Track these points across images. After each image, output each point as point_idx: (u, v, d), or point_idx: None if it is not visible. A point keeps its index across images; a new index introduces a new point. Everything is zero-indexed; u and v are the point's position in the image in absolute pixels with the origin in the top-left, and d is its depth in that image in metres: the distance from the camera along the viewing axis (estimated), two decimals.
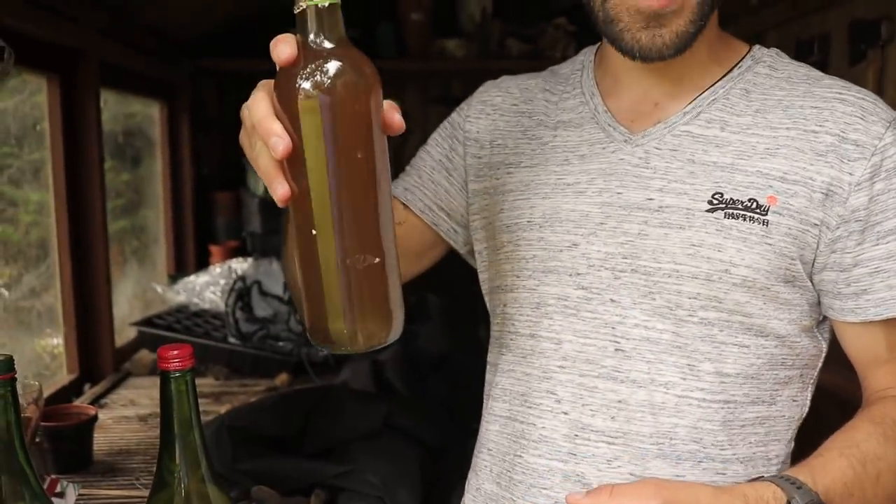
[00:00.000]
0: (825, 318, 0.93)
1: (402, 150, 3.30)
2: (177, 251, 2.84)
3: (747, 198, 0.85)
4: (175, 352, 0.75)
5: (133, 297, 2.57)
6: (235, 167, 3.01)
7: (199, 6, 2.51)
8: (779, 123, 0.88)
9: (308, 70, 0.62)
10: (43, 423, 1.41)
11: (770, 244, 0.85)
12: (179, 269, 2.78)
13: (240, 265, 2.35)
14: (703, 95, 0.92)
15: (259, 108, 0.64)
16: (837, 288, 0.88)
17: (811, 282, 0.89)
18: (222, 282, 2.30)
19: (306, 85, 0.62)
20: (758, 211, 0.85)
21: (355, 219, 0.64)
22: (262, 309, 2.09)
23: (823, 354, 0.95)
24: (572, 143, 0.96)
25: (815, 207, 0.85)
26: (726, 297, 0.86)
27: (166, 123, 2.78)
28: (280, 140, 0.62)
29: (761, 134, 0.88)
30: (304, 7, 0.63)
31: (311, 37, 0.63)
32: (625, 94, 0.96)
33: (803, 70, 0.93)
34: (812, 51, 1.94)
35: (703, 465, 0.89)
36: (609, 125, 0.94)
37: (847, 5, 1.80)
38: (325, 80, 0.62)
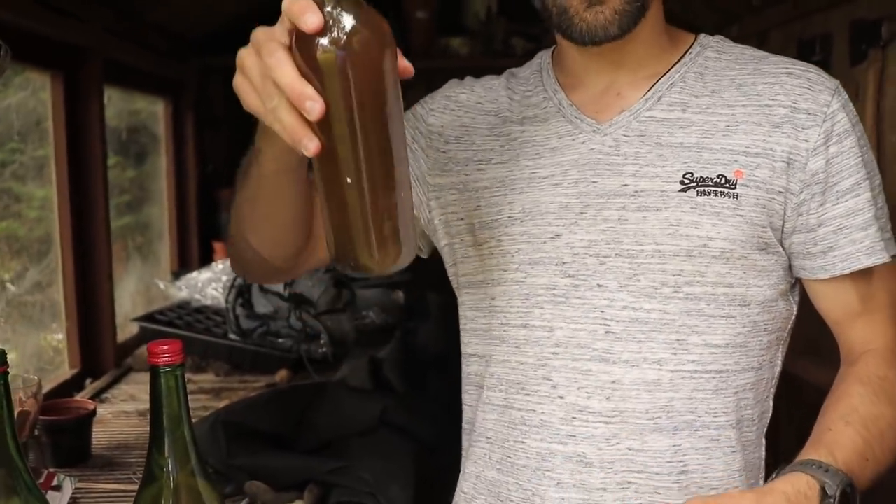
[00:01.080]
0: (796, 280, 0.98)
1: None
2: (180, 248, 2.85)
3: (716, 174, 0.90)
4: (165, 347, 0.75)
5: (136, 292, 2.59)
6: (240, 164, 3.02)
7: (206, 4, 2.52)
8: (735, 101, 0.93)
9: (331, 29, 0.65)
10: (42, 417, 1.42)
11: (742, 215, 0.90)
12: (183, 266, 2.79)
13: None
14: (660, 81, 0.97)
15: (285, 69, 0.66)
16: (806, 248, 0.93)
17: (782, 247, 0.94)
18: (224, 278, 2.31)
19: (329, 44, 0.65)
20: (727, 185, 0.90)
21: (381, 164, 0.69)
22: (262, 306, 2.10)
23: (794, 315, 1.00)
24: (541, 137, 0.99)
25: (778, 176, 0.91)
26: (707, 270, 0.91)
27: (171, 120, 2.79)
28: (315, 103, 0.65)
29: (720, 112, 0.93)
30: None
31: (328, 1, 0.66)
32: (585, 89, 1.00)
33: (749, 51, 0.99)
34: (814, 50, 1.94)
35: (699, 434, 0.93)
36: (576, 117, 0.98)
37: (848, 5, 1.80)
38: (347, 37, 0.65)
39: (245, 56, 0.70)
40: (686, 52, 0.99)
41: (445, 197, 1.03)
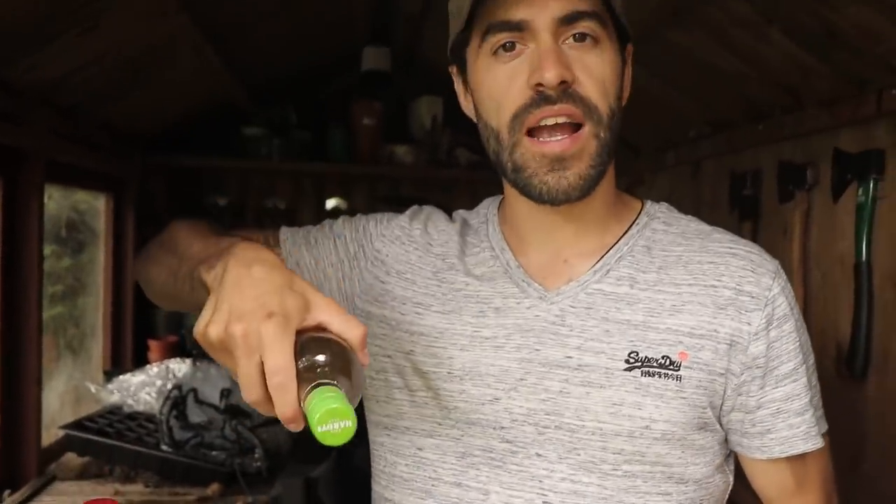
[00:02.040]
0: (731, 452, 0.99)
1: None
2: (114, 344, 2.79)
3: (661, 355, 0.91)
4: None
5: (65, 392, 2.51)
6: None
7: (152, 104, 2.53)
8: (681, 280, 0.94)
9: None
10: None
11: (684, 398, 0.90)
12: (116, 364, 2.73)
13: (178, 366, 2.32)
14: (609, 253, 0.97)
15: (288, 400, 0.69)
16: (744, 427, 0.95)
17: (720, 424, 0.95)
18: (158, 382, 2.26)
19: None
20: (671, 367, 0.90)
21: None
22: (196, 415, 2.06)
23: (731, 486, 1.00)
24: (485, 295, 0.98)
25: (720, 358, 0.92)
26: (648, 450, 0.90)
27: (112, 215, 2.77)
28: (296, 426, 0.70)
29: (667, 290, 0.94)
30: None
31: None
32: (533, 252, 1.00)
33: (693, 224, 1.01)
34: (746, 184, 2.02)
35: None
36: (523, 281, 0.98)
37: (776, 146, 1.89)
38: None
39: (249, 321, 0.71)
40: (633, 222, 1.00)
41: (372, 328, 1.01)
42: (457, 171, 3.12)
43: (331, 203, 3.30)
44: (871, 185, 1.55)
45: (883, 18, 1.33)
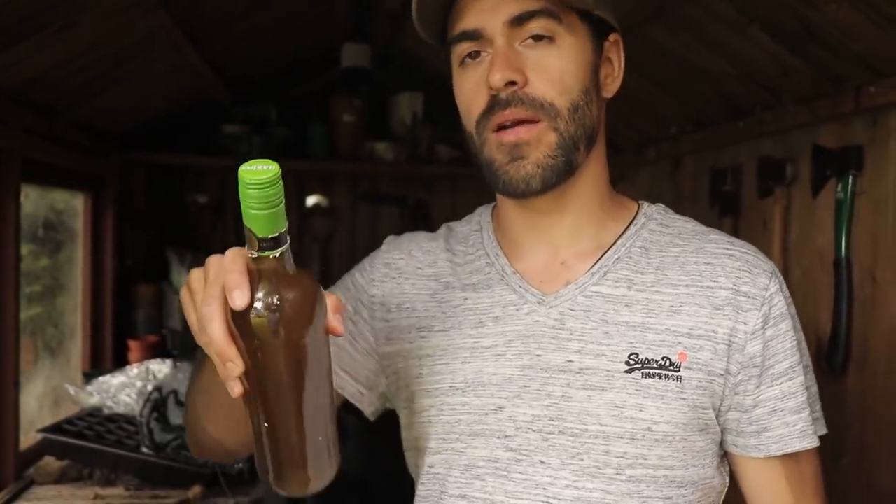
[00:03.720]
0: (725, 452, 0.98)
1: (329, 246, 3.33)
2: (93, 344, 2.76)
3: (661, 356, 0.91)
4: None
5: (43, 394, 2.48)
6: (159, 260, 2.97)
7: (129, 102, 2.51)
8: (678, 281, 0.94)
9: (260, 297, 0.69)
10: None
11: (684, 398, 0.90)
12: (96, 364, 2.70)
13: (158, 367, 2.30)
14: (607, 254, 0.97)
15: (214, 325, 0.69)
16: (741, 427, 0.94)
17: (718, 424, 0.94)
18: (139, 384, 2.25)
19: (262, 309, 0.68)
20: (671, 368, 0.90)
21: (296, 414, 0.73)
22: (177, 417, 2.04)
23: (727, 487, 1.00)
24: (484, 305, 0.98)
25: (719, 358, 0.91)
26: (650, 453, 0.90)
27: (90, 214, 2.74)
28: (235, 366, 0.70)
29: (664, 292, 0.94)
30: (255, 255, 0.69)
31: (262, 276, 0.69)
32: (529, 256, 1.00)
33: (690, 225, 1.01)
34: (726, 180, 2.03)
35: None
36: (520, 286, 0.97)
37: (756, 142, 1.91)
38: (278, 303, 0.69)
39: (194, 279, 0.74)
40: (631, 222, 1.00)
41: (394, 366, 1.02)
42: (437, 167, 3.11)
43: (311, 200, 3.28)
44: (850, 181, 1.56)
45: (861, 17, 1.34)
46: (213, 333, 0.69)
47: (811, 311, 1.70)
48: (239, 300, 0.68)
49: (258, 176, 0.64)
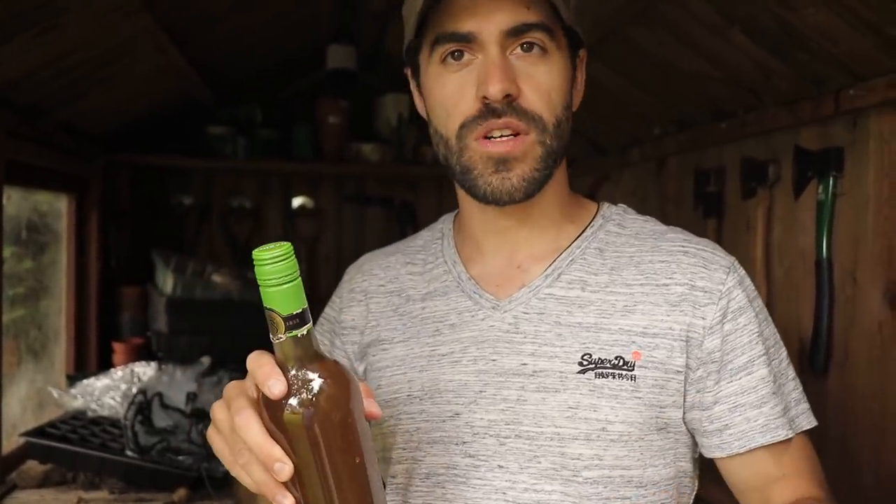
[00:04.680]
0: (699, 455, 0.98)
1: (315, 248, 3.32)
2: (78, 347, 2.74)
3: (614, 356, 0.91)
4: None
5: (26, 397, 2.47)
6: (144, 262, 2.96)
7: (114, 103, 2.50)
8: (633, 280, 0.95)
9: (295, 390, 0.68)
10: None
11: (640, 397, 0.90)
12: (80, 367, 2.69)
13: (143, 369, 2.29)
14: (561, 257, 0.98)
15: (252, 429, 0.68)
16: (702, 426, 0.94)
17: (684, 424, 0.94)
18: (123, 386, 2.24)
19: (297, 405, 0.68)
20: (625, 368, 0.90)
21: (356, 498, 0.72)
22: (162, 420, 2.04)
23: (695, 490, 0.99)
24: (440, 313, 0.99)
25: (677, 355, 0.91)
26: (606, 453, 0.90)
27: (74, 216, 2.72)
28: (284, 465, 0.68)
29: (619, 292, 0.94)
30: (284, 338, 0.68)
31: (292, 362, 0.69)
32: (488, 260, 1.01)
33: (649, 225, 1.01)
34: (709, 181, 2.04)
35: None
36: (475, 293, 0.98)
37: (739, 143, 1.92)
38: (313, 397, 0.68)
39: (216, 409, 0.73)
40: (588, 224, 1.01)
41: (368, 381, 1.03)
42: (423, 168, 3.12)
43: (297, 202, 3.28)
44: (831, 183, 1.57)
45: (840, 21, 1.35)
46: (254, 438, 0.68)
47: (794, 311, 1.71)
48: (276, 387, 0.67)
49: (271, 252, 0.66)
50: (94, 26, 1.79)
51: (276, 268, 0.65)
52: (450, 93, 0.93)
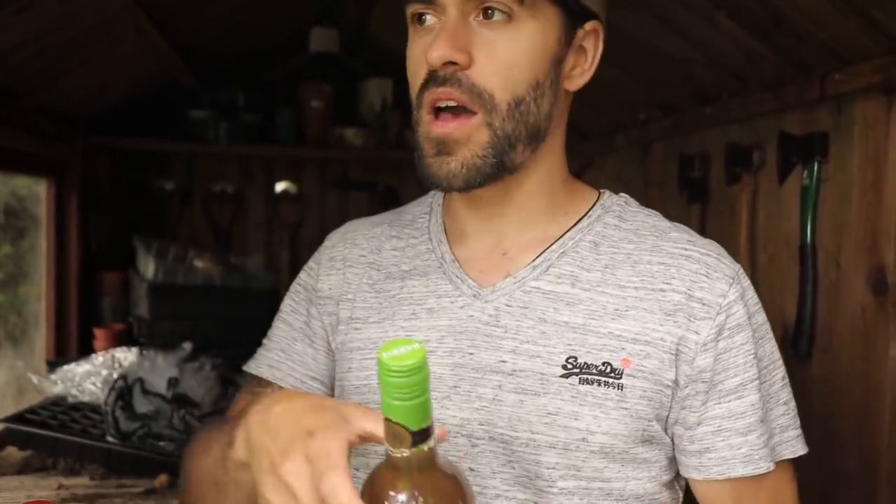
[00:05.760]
0: None
1: (298, 233, 3.30)
2: (58, 333, 2.72)
3: (601, 361, 0.84)
4: None
5: (6, 384, 2.45)
6: (125, 247, 2.93)
7: (93, 87, 2.46)
8: (627, 281, 0.87)
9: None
10: None
11: (626, 408, 0.84)
12: (60, 352, 2.66)
13: (124, 355, 2.27)
14: (551, 248, 0.90)
15: None
16: (683, 444, 0.88)
17: (667, 436, 0.88)
18: (104, 372, 2.22)
19: None
20: (612, 375, 0.83)
21: None
22: (143, 405, 2.02)
23: (680, 502, 0.94)
24: (419, 295, 0.93)
25: (667, 368, 0.85)
26: (584, 465, 0.84)
27: (54, 200, 2.69)
28: None
29: (611, 293, 0.87)
30: (409, 453, 0.61)
31: (409, 475, 0.62)
32: (472, 242, 0.94)
33: (651, 220, 0.94)
34: (694, 167, 2.04)
35: None
36: (457, 277, 0.92)
37: (723, 128, 1.91)
38: None
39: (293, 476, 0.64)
40: (585, 214, 0.93)
41: (338, 361, 0.98)
42: (406, 152, 3.08)
43: (280, 186, 3.26)
44: (816, 168, 1.57)
45: (826, 5, 1.34)
46: None
47: (778, 296, 1.71)
48: None
49: (402, 362, 0.57)
50: (72, 6, 1.75)
51: (410, 380, 0.57)
52: (413, 57, 0.87)
